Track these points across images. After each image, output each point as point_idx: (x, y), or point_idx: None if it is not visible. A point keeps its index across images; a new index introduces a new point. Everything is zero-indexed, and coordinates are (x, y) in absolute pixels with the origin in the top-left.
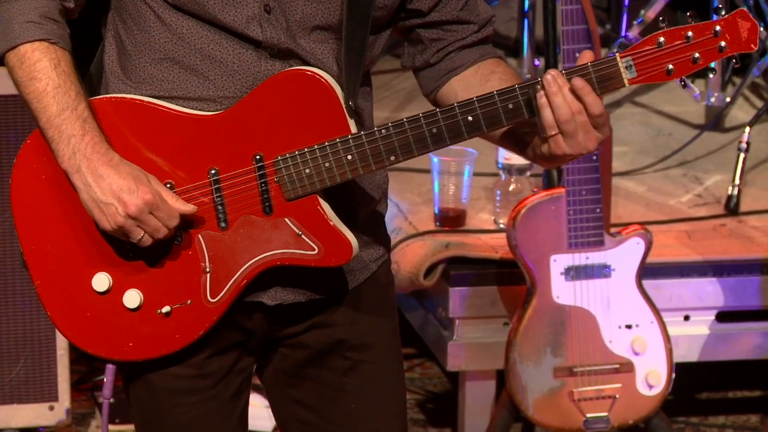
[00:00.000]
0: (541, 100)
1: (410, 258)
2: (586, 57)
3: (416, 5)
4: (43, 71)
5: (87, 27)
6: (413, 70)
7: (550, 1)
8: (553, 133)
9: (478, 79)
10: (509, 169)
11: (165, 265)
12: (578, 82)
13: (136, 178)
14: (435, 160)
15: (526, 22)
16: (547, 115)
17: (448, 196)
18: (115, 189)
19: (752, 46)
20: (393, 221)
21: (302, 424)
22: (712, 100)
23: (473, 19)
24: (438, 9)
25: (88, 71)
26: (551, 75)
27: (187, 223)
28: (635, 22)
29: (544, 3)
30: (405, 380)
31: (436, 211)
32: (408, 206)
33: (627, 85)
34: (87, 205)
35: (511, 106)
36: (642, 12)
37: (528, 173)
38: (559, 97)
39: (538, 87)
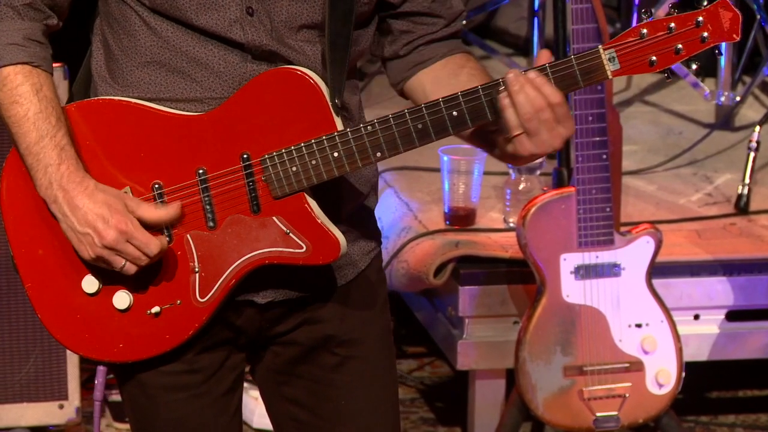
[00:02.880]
0: (504, 101)
1: (420, 257)
2: (544, 57)
3: None
4: (25, 95)
5: (77, 32)
6: (381, 58)
7: (560, 0)
8: (518, 133)
9: (446, 74)
10: (519, 168)
11: (154, 266)
12: (533, 74)
13: (111, 207)
14: (445, 158)
15: (536, 21)
16: (510, 115)
17: (458, 195)
18: (90, 219)
19: (734, 36)
20: (402, 220)
21: (295, 422)
22: (722, 98)
23: (443, 13)
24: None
25: (77, 76)
26: (513, 74)
27: (176, 222)
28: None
29: (554, 2)
30: (397, 377)
31: (446, 210)
32: (418, 205)
33: (610, 77)
34: (67, 234)
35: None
36: (653, 10)
37: (538, 172)
38: (522, 95)
39: (501, 88)
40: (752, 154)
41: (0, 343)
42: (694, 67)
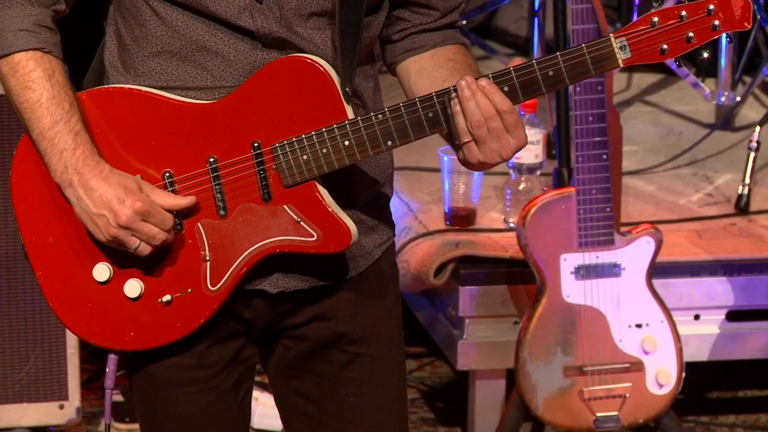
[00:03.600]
0: (455, 107)
1: (420, 257)
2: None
3: None
4: (38, 81)
5: (91, 21)
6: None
7: (560, 0)
8: (466, 140)
9: (432, 65)
10: (519, 168)
11: (165, 254)
12: (484, 81)
13: (126, 188)
14: (445, 158)
15: (536, 21)
16: (460, 121)
17: (458, 195)
18: (105, 200)
19: (745, 24)
20: (403, 220)
21: (303, 416)
22: (723, 98)
23: (439, 5)
24: None
25: (90, 67)
26: (465, 81)
27: (187, 211)
28: None
29: (554, 2)
30: (406, 374)
31: (447, 210)
32: (418, 205)
33: (621, 65)
34: (81, 218)
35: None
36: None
37: (538, 172)
38: (472, 103)
39: (453, 95)
40: (752, 154)
41: (0, 343)
42: (705, 55)
